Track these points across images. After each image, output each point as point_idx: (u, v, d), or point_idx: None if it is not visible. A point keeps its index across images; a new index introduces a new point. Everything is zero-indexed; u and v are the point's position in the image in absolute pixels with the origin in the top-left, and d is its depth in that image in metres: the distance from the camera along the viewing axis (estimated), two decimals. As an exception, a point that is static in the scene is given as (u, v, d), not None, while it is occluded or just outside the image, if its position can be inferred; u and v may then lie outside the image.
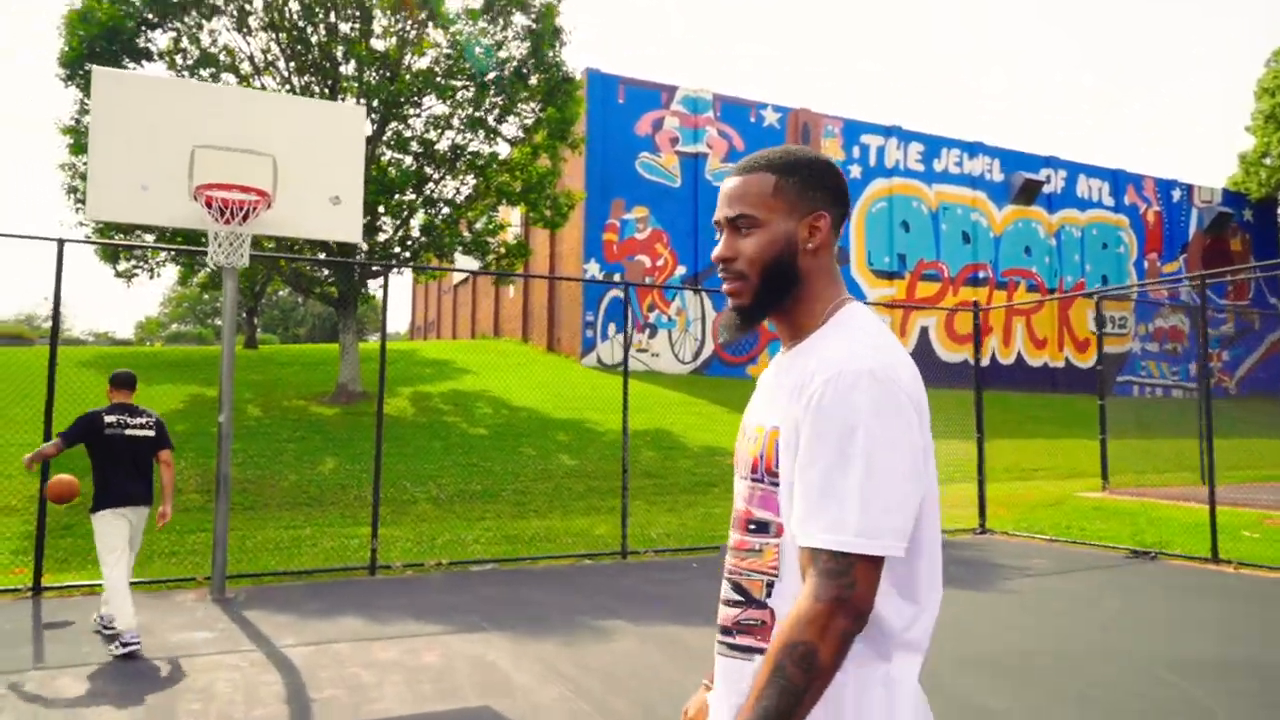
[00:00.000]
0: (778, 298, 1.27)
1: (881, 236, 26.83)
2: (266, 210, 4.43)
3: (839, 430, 1.08)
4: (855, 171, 26.67)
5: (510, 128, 15.57)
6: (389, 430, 12.83)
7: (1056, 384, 29.20)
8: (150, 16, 12.98)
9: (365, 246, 14.97)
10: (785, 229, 1.26)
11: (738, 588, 1.23)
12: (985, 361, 28.31)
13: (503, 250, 16.34)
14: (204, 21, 13.93)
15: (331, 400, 14.43)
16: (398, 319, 75.71)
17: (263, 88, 14.67)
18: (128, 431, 4.89)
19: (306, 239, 10.06)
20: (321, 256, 14.50)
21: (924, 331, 27.39)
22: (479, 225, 16.38)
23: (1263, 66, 37.20)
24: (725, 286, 1.31)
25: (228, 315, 5.01)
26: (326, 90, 14.52)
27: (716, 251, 1.29)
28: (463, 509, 9.54)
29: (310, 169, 4.62)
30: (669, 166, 23.86)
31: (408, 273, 37.92)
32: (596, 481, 11.22)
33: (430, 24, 14.62)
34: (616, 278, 22.70)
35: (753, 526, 1.20)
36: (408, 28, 14.87)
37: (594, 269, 22.51)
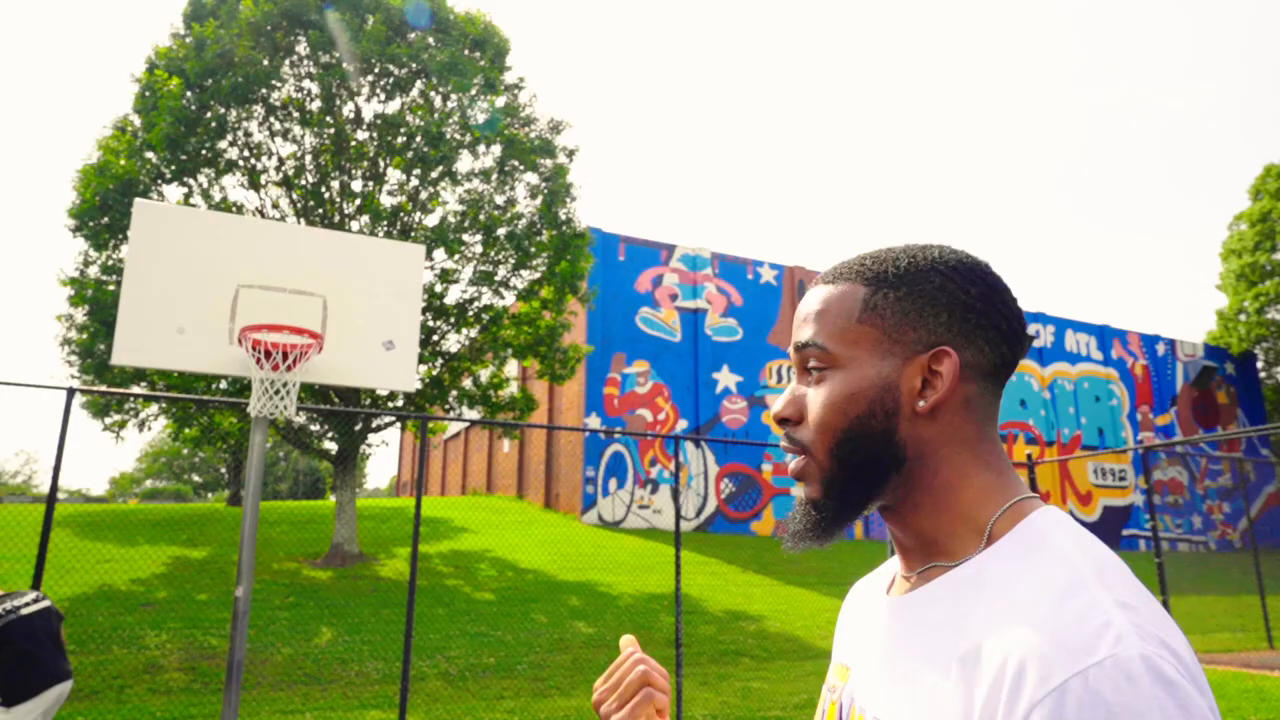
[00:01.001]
0: (864, 489, 0.82)
1: (880, 390, 26.75)
2: (317, 354, 3.98)
3: None
4: (851, 326, 26.89)
5: (519, 281, 15.53)
6: (387, 596, 11.93)
7: (1064, 539, 28.42)
8: (166, 172, 13.05)
9: (368, 400, 14.54)
10: (877, 375, 0.81)
11: None
12: (991, 516, 27.84)
13: (508, 403, 15.93)
14: (217, 178, 14.05)
15: (325, 563, 13.52)
16: (378, 475, 74.24)
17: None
18: None
19: (350, 387, 9.67)
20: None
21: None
22: (483, 378, 16.06)
23: (1226, 230, 38.88)
24: (789, 465, 0.88)
25: (254, 471, 4.46)
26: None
27: (774, 408, 0.88)
28: (477, 686, 8.60)
29: (363, 312, 4.22)
30: (669, 322, 23.96)
31: (394, 428, 37.36)
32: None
33: (443, 181, 14.82)
34: (617, 433, 22.23)
35: None
36: (420, 185, 15.07)
37: (595, 423, 22.08)
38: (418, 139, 14.52)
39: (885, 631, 0.84)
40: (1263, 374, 37.88)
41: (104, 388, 13.37)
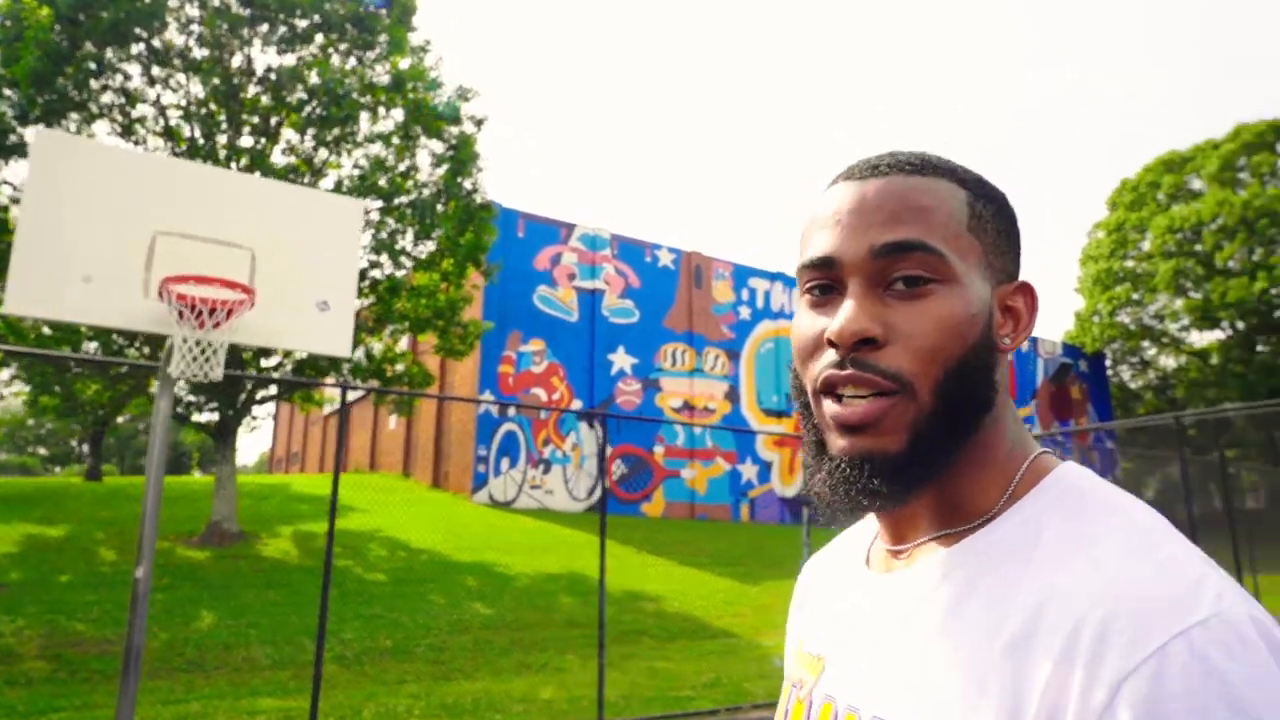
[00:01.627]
0: (960, 439, 0.66)
1: (769, 376, 27.36)
2: (249, 312, 3.63)
3: None
4: (744, 313, 27.36)
5: (419, 252, 14.96)
6: (272, 577, 11.33)
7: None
8: (29, 112, 11.82)
9: (254, 371, 13.69)
10: (984, 298, 0.68)
11: None
12: (868, 501, 29.00)
13: (401, 378, 15.36)
14: (87, 124, 12.85)
15: (202, 541, 12.69)
16: (247, 452, 70.78)
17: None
18: None
19: (285, 350, 9.04)
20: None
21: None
22: (376, 351, 15.41)
23: (1085, 237, 41.72)
24: (857, 408, 0.66)
25: (158, 440, 4.07)
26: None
27: (846, 323, 0.65)
28: (375, 670, 8.25)
29: (296, 268, 3.89)
30: (566, 301, 23.70)
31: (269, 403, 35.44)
32: (519, 633, 10.11)
33: (344, 144, 14.09)
34: (511, 412, 21.90)
35: None
36: (316, 145, 14.26)
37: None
38: (316, 97, 13.72)
39: (878, 614, 0.71)
40: (1110, 372, 40.87)
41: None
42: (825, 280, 0.69)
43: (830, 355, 0.67)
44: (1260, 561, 12.77)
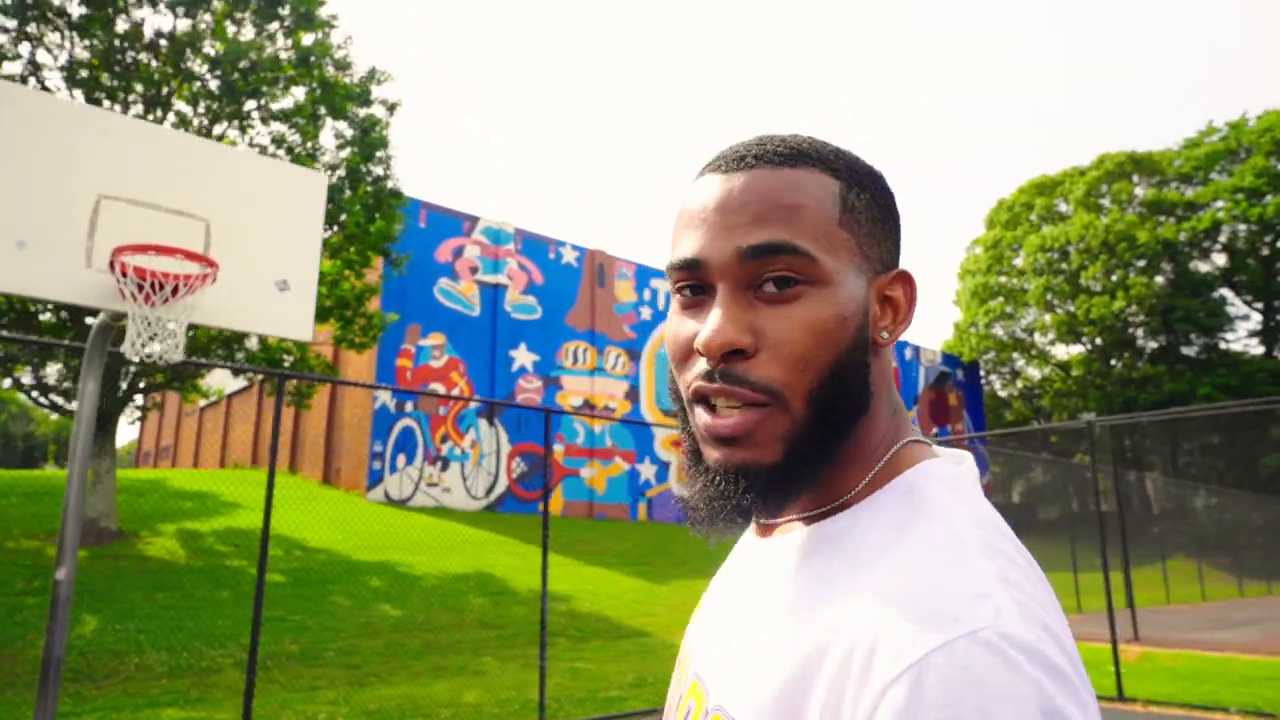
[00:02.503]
0: (835, 446, 0.65)
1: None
2: (208, 287, 3.33)
3: None
4: (646, 313, 27.49)
5: (324, 237, 14.29)
6: (159, 578, 10.58)
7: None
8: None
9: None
10: (859, 296, 0.66)
11: None
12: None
13: (302, 368, 14.64)
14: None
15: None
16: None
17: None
18: None
19: (237, 331, 8.46)
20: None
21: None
22: (269, 339, 14.63)
23: (964, 252, 44.01)
24: (727, 421, 0.64)
25: (83, 427, 3.71)
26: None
27: (712, 335, 0.62)
28: (284, 677, 7.78)
29: (254, 243, 3.60)
30: (468, 295, 23.19)
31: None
32: (432, 635, 9.77)
33: (246, 119, 13.30)
34: (409, 406, 21.25)
35: None
36: (212, 120, 13.41)
37: (386, 396, 20.93)
38: (220, 67, 12.90)
39: (740, 587, 0.73)
40: (984, 381, 43.23)
41: None
42: (694, 281, 0.67)
43: (701, 364, 0.65)
44: (1117, 556, 13.73)
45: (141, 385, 12.93)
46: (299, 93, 14.06)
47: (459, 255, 23.31)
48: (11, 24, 12.17)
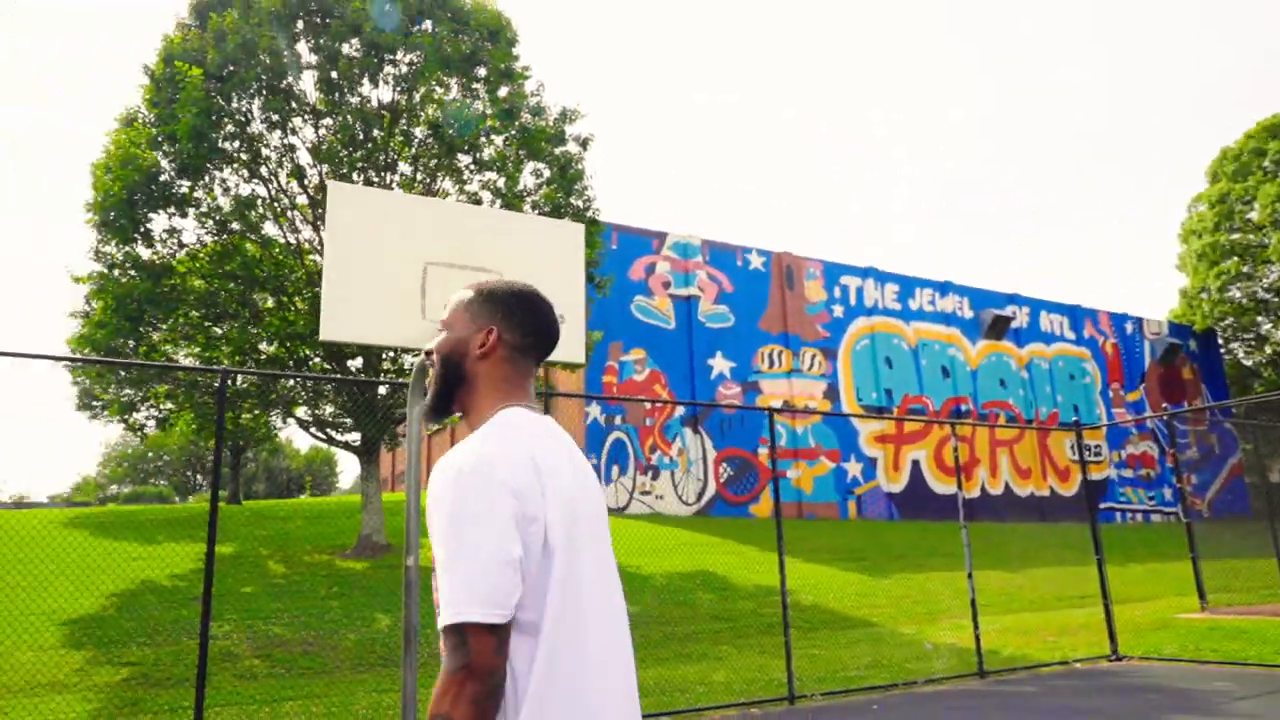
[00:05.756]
0: (448, 397, 1.52)
1: (867, 373, 27.31)
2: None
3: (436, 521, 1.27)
4: (838, 311, 27.39)
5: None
6: (425, 584, 12.01)
7: (1044, 513, 29.32)
8: (189, 165, 12.89)
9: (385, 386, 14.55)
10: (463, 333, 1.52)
11: None
12: (975, 493, 28.44)
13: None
14: (230, 166, 13.88)
15: (356, 554, 13.55)
16: (349, 474, 73.39)
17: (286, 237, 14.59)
18: None
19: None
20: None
21: (915, 465, 27.45)
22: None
23: (1185, 211, 40.21)
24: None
25: (413, 445, 4.64)
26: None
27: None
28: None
29: (536, 286, 4.36)
30: (663, 309, 24.19)
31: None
32: (668, 627, 10.55)
33: (462, 173, 14.85)
34: (618, 420, 22.47)
35: None
36: (431, 177, 15.08)
37: (595, 411, 22.26)
38: (428, 130, 14.53)
39: None
40: (1223, 350, 39.27)
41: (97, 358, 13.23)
42: None
43: None
44: None
45: (396, 416, 14.71)
46: (499, 141, 15.50)
47: (651, 272, 24.38)
48: (268, 115, 14.29)
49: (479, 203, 14.87)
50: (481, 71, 15.15)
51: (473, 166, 15.20)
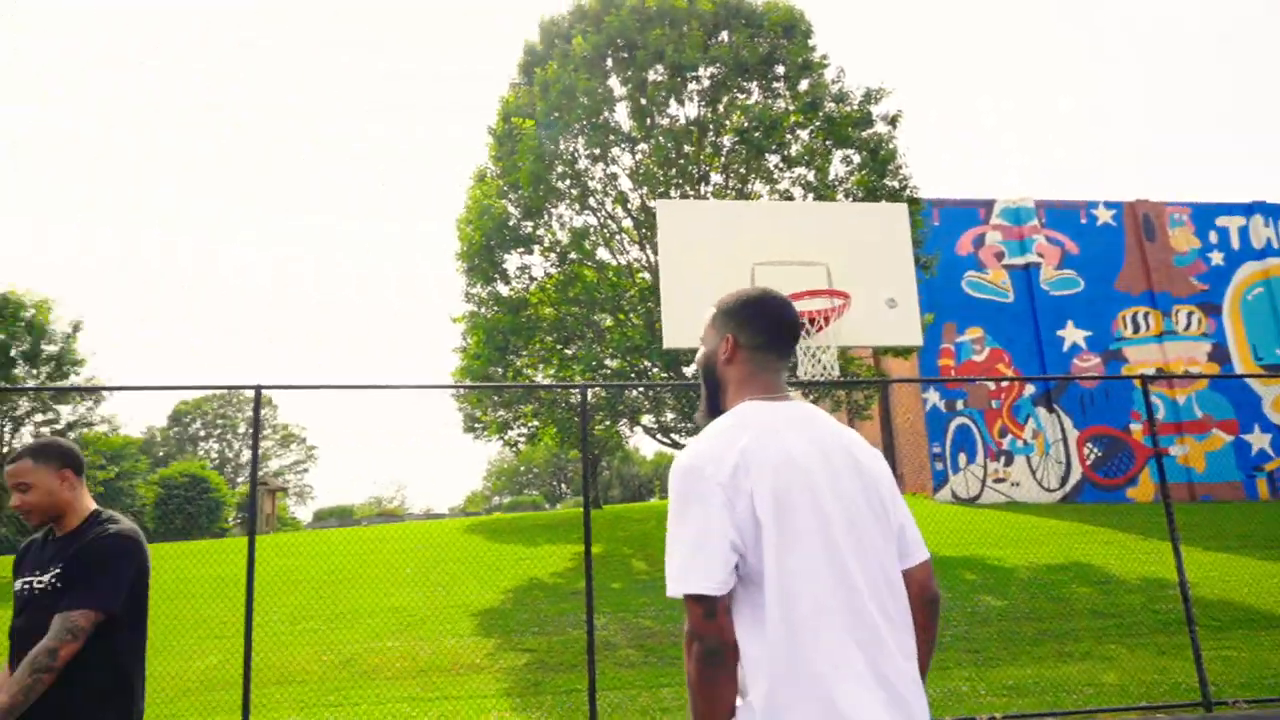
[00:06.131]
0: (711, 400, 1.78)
1: (1265, 326, 23.04)
2: (844, 315, 4.13)
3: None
4: (1216, 258, 23.48)
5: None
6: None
7: None
8: (531, 208, 14.45)
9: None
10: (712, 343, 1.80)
11: None
12: None
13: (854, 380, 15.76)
14: (553, 210, 15.31)
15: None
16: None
17: (610, 262, 15.77)
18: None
19: (866, 346, 10.15)
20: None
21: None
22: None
23: None
24: None
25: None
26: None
27: None
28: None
29: (861, 273, 4.30)
30: (998, 283, 22.43)
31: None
32: (1041, 624, 9.71)
33: (770, 174, 15.03)
34: (960, 405, 21.20)
35: None
36: (741, 182, 15.43)
37: (934, 398, 21.21)
38: (735, 137, 14.88)
39: None
40: None
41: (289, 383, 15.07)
42: None
43: None
44: None
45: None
46: (804, 135, 15.41)
47: (980, 244, 22.74)
48: (591, 150, 15.52)
49: (791, 199, 14.93)
50: (780, 69, 15.23)
51: (781, 165, 15.30)
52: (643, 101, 14.88)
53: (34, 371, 20.08)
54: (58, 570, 2.30)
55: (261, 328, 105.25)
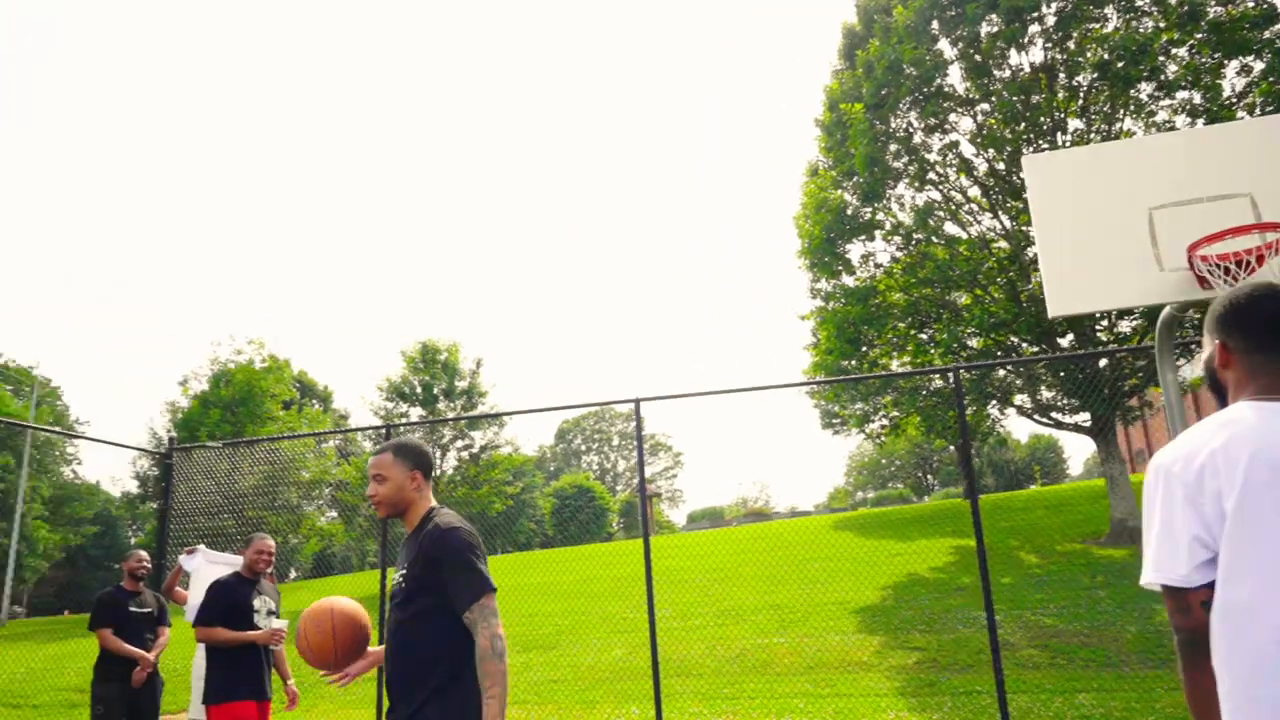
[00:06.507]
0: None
1: None
2: (1276, 256, 3.42)
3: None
4: None
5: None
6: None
7: None
8: (859, 199, 14.06)
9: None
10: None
11: None
12: None
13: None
14: (892, 191, 14.64)
15: (1111, 541, 12.64)
16: (1078, 460, 69.40)
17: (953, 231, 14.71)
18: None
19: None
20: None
21: None
22: None
23: None
24: None
25: (1173, 413, 4.04)
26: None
27: None
28: None
29: (1298, 199, 3.50)
30: None
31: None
32: None
33: (1139, 105, 13.09)
34: None
35: None
36: (1108, 126, 13.57)
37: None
38: (1094, 72, 13.16)
39: None
40: None
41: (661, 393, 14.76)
42: None
43: None
44: None
45: (1125, 388, 13.42)
46: (1182, 52, 13.17)
47: None
48: (926, 121, 14.67)
49: (1174, 130, 12.82)
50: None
51: (1156, 93, 13.24)
52: (977, 59, 13.77)
53: (451, 404, 23.70)
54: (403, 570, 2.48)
55: (631, 346, 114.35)
